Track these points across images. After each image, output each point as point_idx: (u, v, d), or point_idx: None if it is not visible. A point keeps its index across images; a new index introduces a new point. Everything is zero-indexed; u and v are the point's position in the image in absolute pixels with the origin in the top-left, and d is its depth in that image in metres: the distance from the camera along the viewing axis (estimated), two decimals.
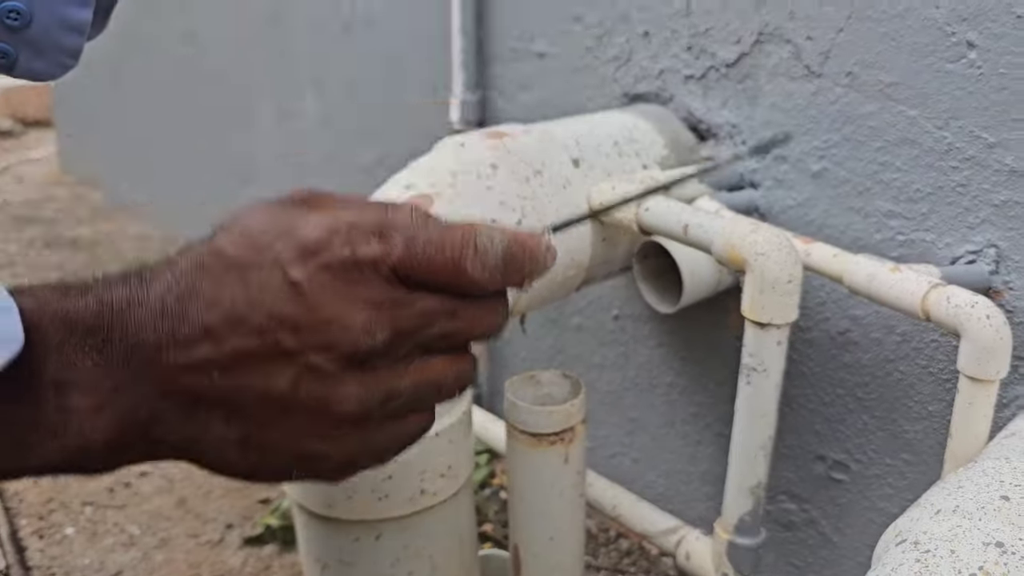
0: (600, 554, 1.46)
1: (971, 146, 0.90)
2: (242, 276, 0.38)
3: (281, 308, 0.38)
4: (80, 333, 0.38)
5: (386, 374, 0.39)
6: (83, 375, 0.38)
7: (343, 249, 0.38)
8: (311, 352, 0.38)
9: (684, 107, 1.16)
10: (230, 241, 0.40)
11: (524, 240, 0.41)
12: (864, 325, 1.03)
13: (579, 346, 1.47)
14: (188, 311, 0.38)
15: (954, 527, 0.59)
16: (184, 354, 0.38)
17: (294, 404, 0.38)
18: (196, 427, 0.40)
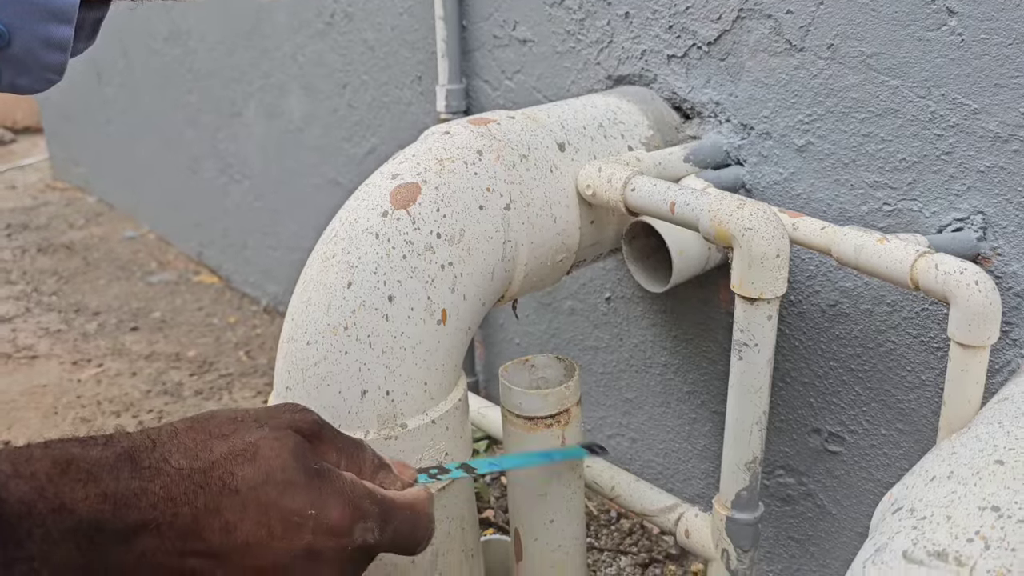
0: (602, 535, 1.47)
1: (954, 113, 0.90)
2: (268, 520, 0.44)
3: (293, 563, 0.45)
4: (73, 522, 0.40)
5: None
6: (61, 559, 0.40)
7: (358, 537, 0.49)
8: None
9: (667, 87, 1.16)
10: (265, 479, 0.45)
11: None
12: (854, 296, 1.03)
13: (573, 329, 1.48)
14: (200, 527, 0.43)
15: (949, 493, 0.59)
16: (178, 559, 0.43)
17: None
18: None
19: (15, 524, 0.38)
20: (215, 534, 0.43)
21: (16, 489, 0.39)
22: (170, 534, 0.42)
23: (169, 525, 0.42)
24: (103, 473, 0.41)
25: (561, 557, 1.03)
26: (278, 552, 0.44)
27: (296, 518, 0.45)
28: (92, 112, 3.14)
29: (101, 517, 0.40)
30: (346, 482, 0.50)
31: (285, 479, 0.45)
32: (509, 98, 1.43)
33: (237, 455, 0.45)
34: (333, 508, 0.48)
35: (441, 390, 0.90)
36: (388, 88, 1.70)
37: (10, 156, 4.38)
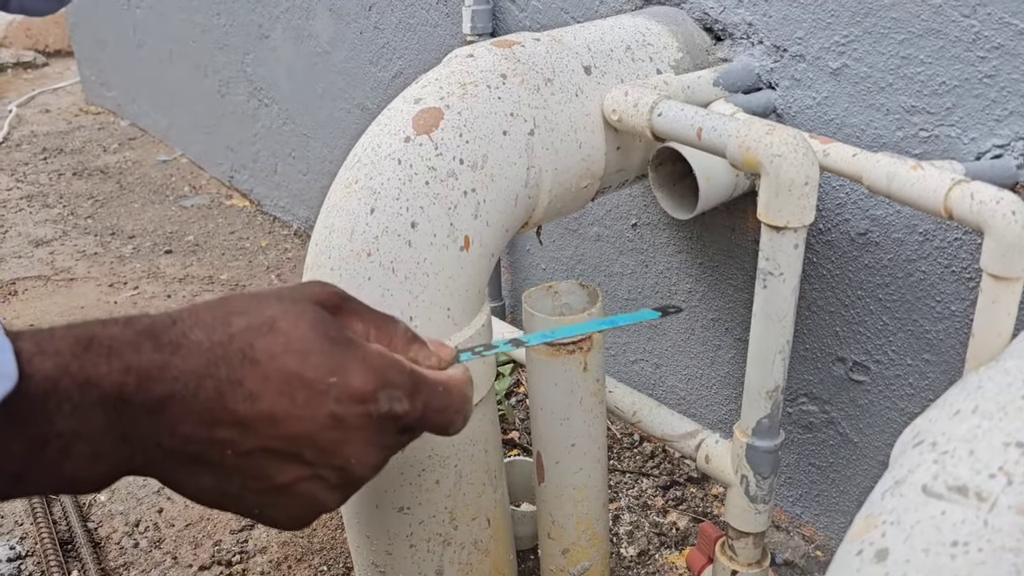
0: (624, 457, 1.49)
1: (1000, 34, 0.86)
2: (291, 390, 0.43)
3: (318, 431, 0.44)
4: (98, 395, 0.40)
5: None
6: (93, 430, 0.40)
7: (384, 405, 0.47)
8: (326, 468, 0.45)
9: (698, 7, 1.12)
10: (284, 349, 0.44)
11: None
12: (885, 225, 1.01)
13: (598, 255, 1.47)
14: (225, 398, 0.42)
15: (973, 427, 0.58)
16: (210, 432, 0.42)
17: (288, 493, 0.45)
18: (184, 476, 0.44)
19: (43, 400, 0.39)
20: (240, 404, 0.43)
21: (41, 366, 0.39)
22: (195, 406, 0.42)
23: (193, 397, 0.41)
24: (125, 348, 0.41)
25: (582, 480, 1.05)
26: (303, 420, 0.44)
27: (318, 386, 0.44)
28: (122, 35, 3.12)
29: (125, 391, 0.40)
30: (370, 350, 0.48)
31: (304, 348, 0.44)
32: (536, 19, 1.39)
33: (256, 328, 0.44)
34: (355, 375, 0.45)
35: (464, 316, 0.91)
36: (414, 9, 1.66)
37: (43, 79, 4.39)
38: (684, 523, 1.34)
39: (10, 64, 4.61)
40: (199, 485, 0.45)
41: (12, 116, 3.65)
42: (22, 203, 2.76)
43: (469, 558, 0.97)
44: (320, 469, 0.45)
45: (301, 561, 1.33)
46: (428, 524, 0.94)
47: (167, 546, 1.38)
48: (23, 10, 0.51)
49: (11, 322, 2.08)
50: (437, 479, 0.94)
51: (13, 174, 3.03)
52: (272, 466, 0.44)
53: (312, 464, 0.45)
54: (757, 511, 0.97)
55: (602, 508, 1.09)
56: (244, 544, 1.37)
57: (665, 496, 1.40)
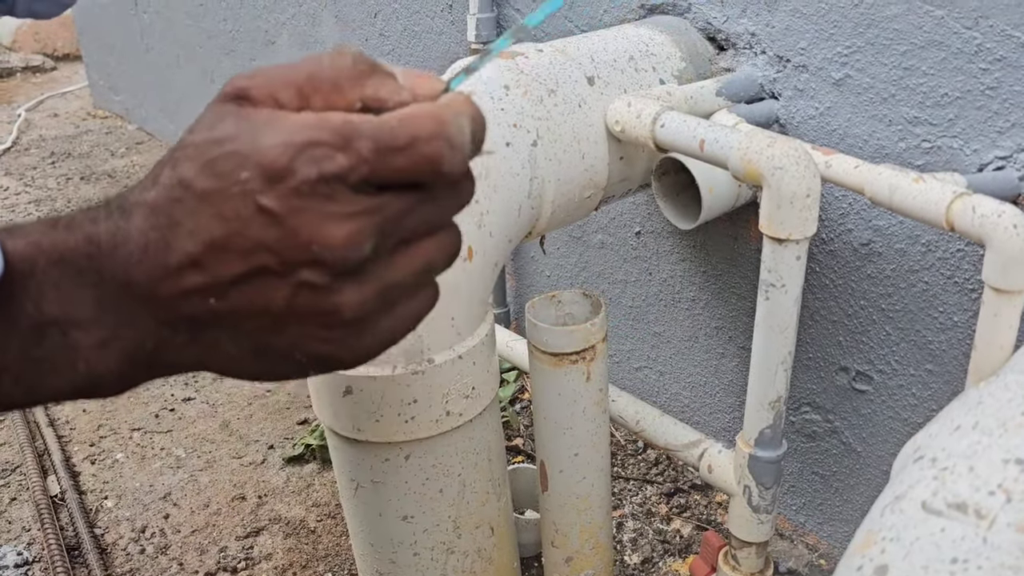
0: (628, 464, 1.49)
1: (1002, 46, 0.86)
2: (215, 208, 0.38)
3: (260, 235, 0.37)
4: (75, 271, 0.38)
5: (378, 274, 0.39)
6: (84, 312, 0.38)
7: (309, 170, 0.37)
8: (301, 269, 0.38)
9: (702, 17, 1.12)
10: (194, 170, 0.39)
11: (477, 112, 0.40)
12: (888, 235, 1.01)
13: (602, 263, 1.47)
14: (171, 243, 0.38)
15: (973, 443, 0.58)
16: (176, 284, 0.38)
17: (294, 317, 0.39)
18: (203, 348, 0.40)
19: (24, 284, 0.38)
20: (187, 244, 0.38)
21: (14, 247, 0.38)
22: (152, 262, 0.38)
23: (145, 252, 0.38)
24: (84, 221, 0.39)
25: (586, 489, 1.05)
26: (242, 232, 0.38)
27: (233, 189, 0.37)
28: (130, 40, 3.14)
29: (94, 262, 0.38)
30: (280, 121, 0.38)
31: (205, 157, 0.38)
32: (540, 27, 1.40)
33: (176, 161, 0.40)
34: (262, 154, 0.37)
35: (468, 325, 0.91)
36: (419, 17, 1.67)
37: (51, 84, 4.41)
38: (688, 531, 1.34)
39: (19, 68, 4.64)
40: (224, 354, 0.41)
41: (21, 120, 3.67)
42: (30, 207, 2.78)
43: (473, 566, 0.98)
44: (298, 274, 0.38)
45: (306, 568, 1.34)
46: (432, 532, 0.94)
47: (173, 552, 1.38)
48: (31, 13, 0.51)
49: None
50: (441, 488, 0.94)
51: (21, 178, 3.05)
52: (256, 295, 0.39)
53: (284, 272, 0.38)
54: (760, 521, 0.97)
55: (606, 516, 1.09)
56: (250, 550, 1.37)
57: (669, 503, 1.40)
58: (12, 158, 3.26)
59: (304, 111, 0.38)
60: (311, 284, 0.38)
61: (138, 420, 1.74)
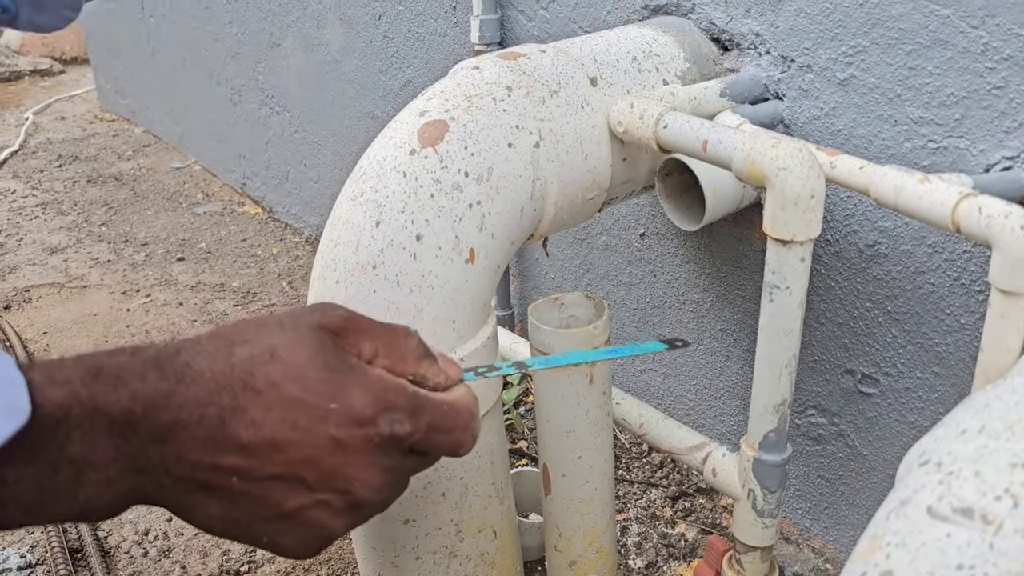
0: (633, 467, 1.48)
1: (1008, 45, 0.85)
2: (292, 416, 0.44)
3: (320, 455, 0.45)
4: (107, 423, 0.41)
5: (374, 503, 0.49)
6: (103, 455, 0.42)
7: (384, 427, 0.47)
8: (330, 493, 0.45)
9: (705, 17, 1.11)
10: (284, 377, 0.45)
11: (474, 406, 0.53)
12: (893, 237, 1.00)
13: (607, 265, 1.47)
14: (228, 425, 0.43)
15: (979, 447, 0.57)
16: (213, 456, 0.43)
17: (293, 521, 0.46)
18: (193, 504, 0.45)
19: (54, 428, 0.40)
20: (242, 430, 0.44)
21: (52, 395, 0.40)
22: (199, 433, 0.43)
23: (198, 424, 0.43)
24: (131, 378, 0.42)
25: (589, 493, 1.04)
26: (304, 444, 0.44)
27: (318, 411, 0.45)
28: (136, 43, 3.15)
29: (132, 418, 0.42)
30: (372, 375, 0.48)
31: (304, 375, 0.45)
32: (544, 29, 1.39)
33: (257, 357, 0.45)
34: (355, 399, 0.46)
35: (470, 328, 0.91)
36: (423, 19, 1.66)
37: (59, 87, 4.43)
38: (693, 534, 1.33)
39: (27, 72, 4.66)
40: (208, 514, 0.45)
41: (29, 123, 3.69)
42: (37, 210, 2.79)
43: (475, 570, 0.97)
44: (324, 494, 0.46)
45: (309, 571, 1.33)
46: (434, 536, 0.94)
47: (176, 555, 1.38)
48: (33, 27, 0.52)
49: (24, 329, 2.10)
50: (443, 491, 0.94)
51: (28, 181, 3.06)
52: (278, 492, 0.45)
53: (316, 489, 0.45)
54: (764, 525, 0.96)
55: (609, 520, 1.08)
56: (252, 553, 1.37)
57: (674, 507, 1.39)
58: (20, 161, 3.27)
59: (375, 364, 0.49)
60: (329, 505, 0.46)
61: None
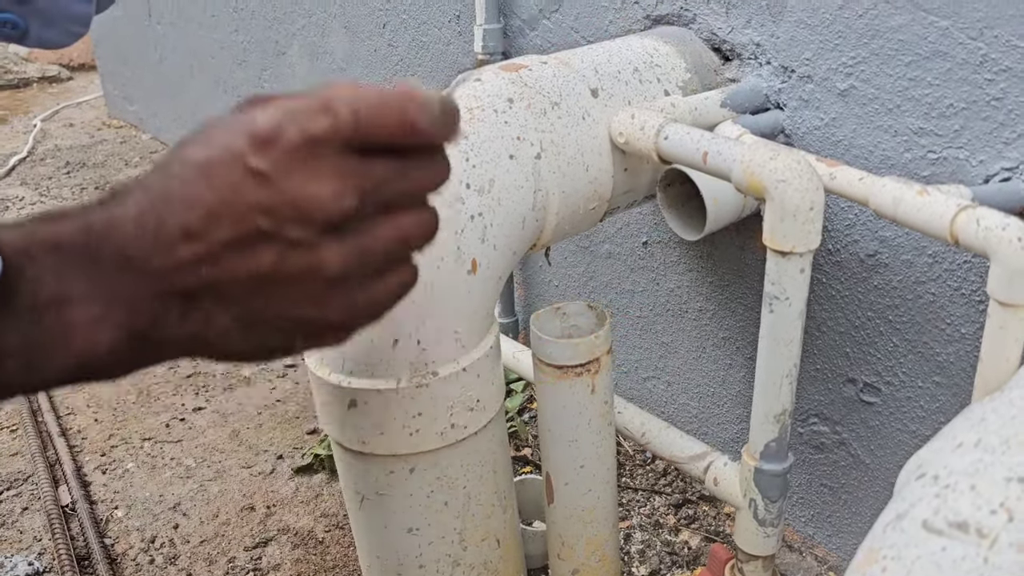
0: (636, 475, 1.49)
1: (1007, 56, 0.86)
2: (207, 176, 0.40)
3: (251, 197, 0.40)
4: (70, 254, 0.40)
5: (359, 236, 0.42)
6: (78, 290, 0.40)
7: (294, 131, 0.39)
8: (289, 228, 0.40)
9: (707, 27, 1.12)
10: (190, 147, 0.41)
11: (448, 98, 0.43)
12: (894, 247, 1.00)
13: (610, 273, 1.47)
14: (164, 218, 0.40)
15: (975, 461, 0.57)
16: (169, 256, 0.40)
17: (282, 278, 0.41)
18: (195, 323, 0.42)
19: (21, 271, 0.39)
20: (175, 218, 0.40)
21: (10, 239, 0.39)
22: (148, 243, 0.40)
23: (142, 235, 0.41)
24: (79, 211, 0.41)
25: (592, 501, 1.05)
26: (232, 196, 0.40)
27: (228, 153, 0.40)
28: (144, 50, 3.17)
29: (91, 248, 0.40)
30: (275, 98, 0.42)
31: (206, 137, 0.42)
32: (547, 38, 1.40)
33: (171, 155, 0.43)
34: (256, 119, 0.41)
35: (472, 338, 0.91)
36: (427, 27, 1.67)
37: (67, 93, 4.46)
38: (696, 542, 1.34)
39: (36, 78, 4.69)
40: (217, 327, 0.42)
41: (37, 130, 3.71)
42: None
43: None
44: (286, 232, 0.40)
45: None
46: (437, 545, 0.94)
47: (182, 562, 1.39)
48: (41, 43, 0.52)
49: None
50: (446, 500, 0.94)
51: (37, 188, 3.08)
52: (244, 258, 0.41)
53: (274, 232, 0.40)
54: (766, 534, 0.96)
55: (612, 529, 1.09)
56: (258, 561, 1.38)
57: (677, 514, 1.39)
58: (28, 168, 3.29)
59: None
60: (298, 241, 0.40)
61: (149, 430, 1.75)
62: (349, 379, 0.88)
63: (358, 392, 0.88)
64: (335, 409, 0.90)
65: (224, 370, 1.94)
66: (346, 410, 0.89)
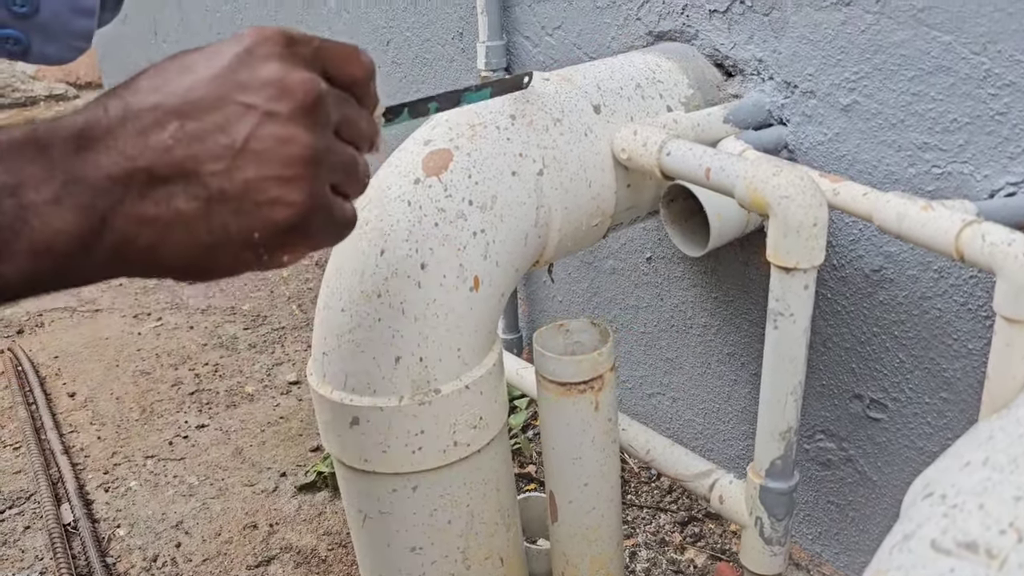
0: (642, 492, 1.47)
1: (1011, 71, 0.85)
2: (185, 64, 0.43)
3: (235, 74, 0.42)
4: (18, 146, 0.40)
5: (323, 135, 0.44)
6: (31, 174, 0.39)
7: (277, 31, 0.44)
8: (270, 101, 0.42)
9: (709, 43, 1.12)
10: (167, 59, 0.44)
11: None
12: (899, 262, 1.00)
13: (614, 288, 1.47)
14: (132, 100, 0.42)
15: (983, 480, 0.57)
16: (141, 138, 0.41)
17: (253, 148, 0.42)
18: (156, 205, 0.41)
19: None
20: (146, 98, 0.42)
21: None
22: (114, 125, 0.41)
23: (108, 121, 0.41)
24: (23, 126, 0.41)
25: (596, 519, 1.04)
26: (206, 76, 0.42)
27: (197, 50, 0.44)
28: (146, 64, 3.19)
29: (37, 138, 0.40)
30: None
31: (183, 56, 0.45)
32: (550, 55, 1.40)
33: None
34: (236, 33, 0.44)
35: (475, 355, 0.91)
36: (430, 44, 1.68)
37: None
38: (702, 560, 1.32)
39: (42, 97, 4.72)
40: (180, 213, 0.41)
41: None
42: None
43: None
44: (266, 105, 0.42)
45: None
46: (440, 564, 0.94)
47: None
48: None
49: (36, 353, 2.11)
50: (449, 519, 0.93)
51: None
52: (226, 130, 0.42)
53: (254, 105, 0.42)
54: (772, 553, 0.95)
55: (616, 547, 1.08)
56: None
57: (683, 532, 1.38)
58: None
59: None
60: (276, 114, 0.42)
61: (152, 447, 1.75)
62: (351, 396, 0.88)
63: (360, 409, 0.87)
64: (337, 426, 0.90)
65: (227, 387, 1.93)
66: (348, 428, 0.89)
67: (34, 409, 1.89)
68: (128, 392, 1.94)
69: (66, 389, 1.97)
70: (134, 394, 1.94)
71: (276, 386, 1.93)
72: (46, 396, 1.94)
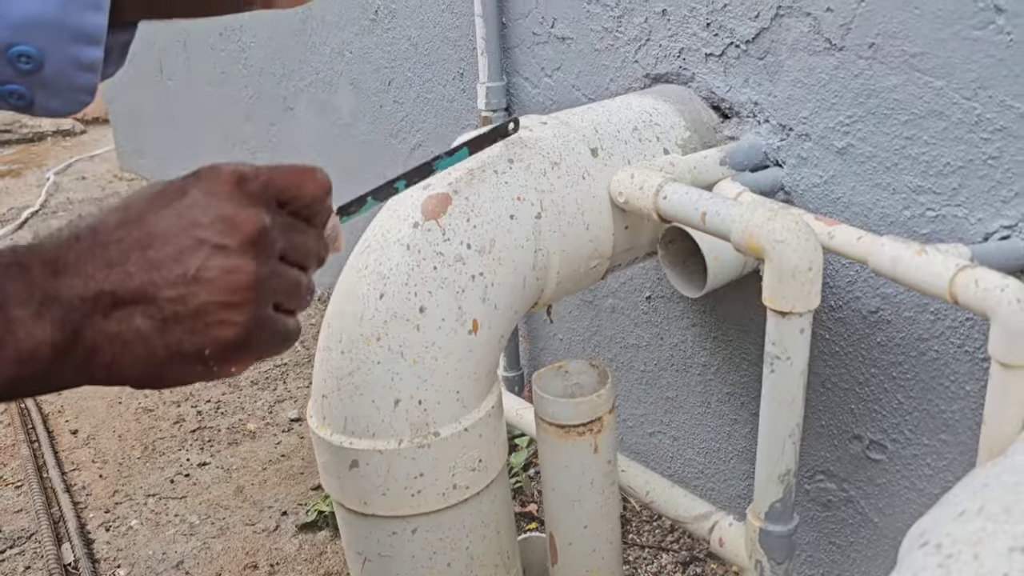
0: (643, 531, 1.47)
1: (1002, 116, 0.87)
2: (151, 201, 0.49)
3: (190, 211, 0.49)
4: (3, 267, 0.45)
5: (270, 260, 0.50)
6: (15, 292, 0.45)
7: (230, 172, 0.50)
8: (219, 236, 0.48)
9: (705, 86, 1.13)
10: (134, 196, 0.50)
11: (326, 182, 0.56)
12: (896, 303, 1.00)
13: (614, 327, 1.47)
14: (101, 231, 0.47)
15: (978, 530, 0.57)
16: (106, 265, 0.47)
17: (204, 277, 0.48)
18: (118, 324, 0.47)
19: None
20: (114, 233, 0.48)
21: None
22: (84, 252, 0.47)
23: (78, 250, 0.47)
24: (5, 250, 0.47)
25: (596, 562, 1.04)
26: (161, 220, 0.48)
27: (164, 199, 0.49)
28: (155, 104, 3.23)
29: (20, 260, 0.46)
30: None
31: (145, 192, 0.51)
32: (549, 96, 1.42)
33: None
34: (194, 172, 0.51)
35: (474, 398, 0.91)
36: (431, 85, 1.70)
37: (80, 147, 4.53)
38: None
39: (50, 132, 4.78)
40: (138, 330, 0.47)
41: (50, 183, 3.77)
42: None
43: None
44: (215, 239, 0.48)
45: None
46: None
47: None
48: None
49: None
50: (448, 562, 0.93)
51: None
52: (177, 263, 0.47)
53: (204, 240, 0.48)
54: None
55: None
56: None
57: (685, 572, 1.37)
58: (40, 221, 3.33)
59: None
60: (224, 248, 0.48)
61: (153, 486, 1.74)
62: (351, 439, 0.88)
63: (359, 452, 0.88)
64: (337, 469, 0.90)
65: (229, 424, 1.93)
66: (348, 470, 0.89)
67: (36, 447, 1.89)
68: (130, 429, 1.94)
69: (68, 426, 1.97)
70: (136, 431, 1.94)
71: (278, 423, 1.93)
72: (48, 434, 1.94)
